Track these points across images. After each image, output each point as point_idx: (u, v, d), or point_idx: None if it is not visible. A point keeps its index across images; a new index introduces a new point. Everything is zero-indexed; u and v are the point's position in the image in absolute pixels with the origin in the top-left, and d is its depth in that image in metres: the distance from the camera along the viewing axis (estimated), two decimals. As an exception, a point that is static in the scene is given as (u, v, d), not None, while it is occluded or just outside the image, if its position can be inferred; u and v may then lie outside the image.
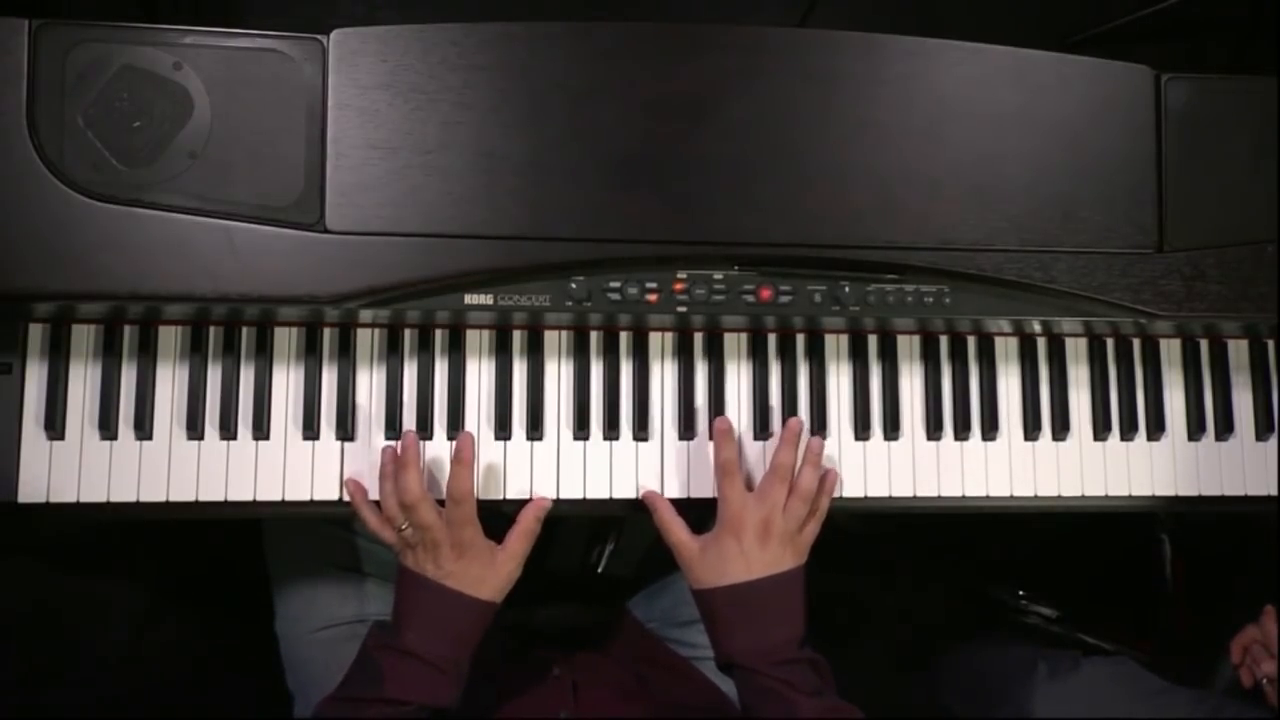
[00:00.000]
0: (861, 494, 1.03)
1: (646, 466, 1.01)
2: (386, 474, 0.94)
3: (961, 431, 1.04)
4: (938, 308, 0.96)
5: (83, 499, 0.94)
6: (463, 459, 0.93)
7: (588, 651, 1.11)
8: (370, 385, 0.99)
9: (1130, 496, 1.06)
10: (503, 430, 0.99)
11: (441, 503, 0.92)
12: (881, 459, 1.03)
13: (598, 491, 1.00)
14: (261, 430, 0.97)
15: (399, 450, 0.95)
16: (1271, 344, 1.10)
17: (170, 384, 0.96)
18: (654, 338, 1.02)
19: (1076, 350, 1.07)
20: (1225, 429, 1.08)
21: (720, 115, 0.92)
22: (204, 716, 1.37)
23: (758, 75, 0.92)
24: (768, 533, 0.93)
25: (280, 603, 1.12)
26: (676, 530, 0.96)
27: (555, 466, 1.00)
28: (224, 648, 1.41)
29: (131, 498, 0.95)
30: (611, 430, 1.00)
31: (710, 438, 1.00)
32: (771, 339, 1.04)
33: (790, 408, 1.02)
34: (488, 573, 0.93)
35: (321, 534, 1.10)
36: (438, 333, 1.00)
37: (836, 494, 1.01)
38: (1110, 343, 1.08)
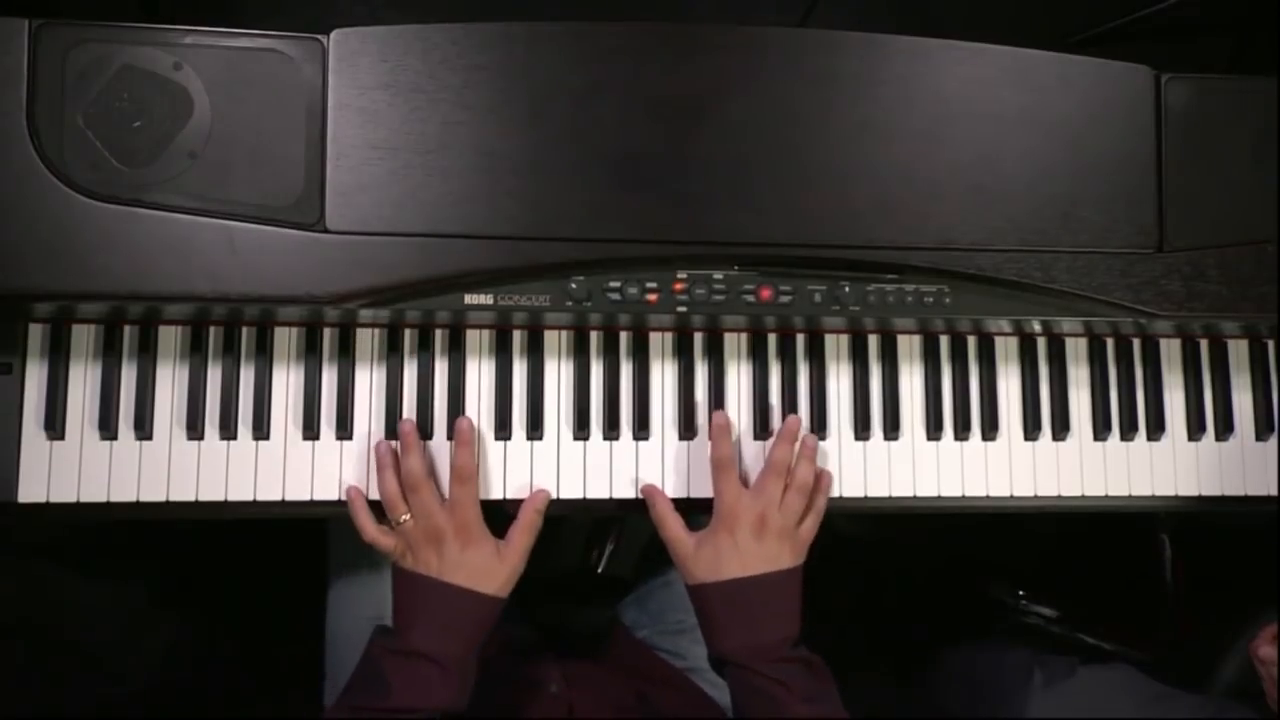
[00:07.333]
0: (861, 494, 1.03)
1: (646, 466, 1.00)
2: (385, 464, 0.93)
3: (961, 431, 1.04)
4: (938, 308, 0.96)
5: (83, 499, 0.94)
6: (464, 439, 0.93)
7: (585, 667, 1.10)
8: (370, 385, 0.99)
9: (1130, 496, 1.06)
10: (503, 430, 0.99)
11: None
12: (881, 459, 1.03)
13: (598, 491, 1.00)
14: (261, 430, 0.97)
15: (401, 437, 0.94)
16: (1271, 344, 1.10)
17: (170, 384, 0.96)
18: (654, 338, 1.02)
19: (1076, 350, 1.07)
20: (1225, 429, 1.08)
21: (720, 115, 0.92)
22: (203, 716, 1.37)
23: (758, 75, 0.92)
24: (764, 527, 0.92)
25: (335, 584, 1.12)
26: (672, 525, 0.95)
27: (555, 466, 1.00)
28: (224, 648, 1.41)
29: (131, 498, 0.95)
30: (611, 430, 1.00)
31: (710, 436, 1.00)
32: (771, 339, 1.04)
33: (790, 408, 1.02)
34: (493, 565, 0.91)
35: None
36: (438, 333, 1.00)
37: (836, 494, 1.01)
38: (1110, 343, 1.08)
